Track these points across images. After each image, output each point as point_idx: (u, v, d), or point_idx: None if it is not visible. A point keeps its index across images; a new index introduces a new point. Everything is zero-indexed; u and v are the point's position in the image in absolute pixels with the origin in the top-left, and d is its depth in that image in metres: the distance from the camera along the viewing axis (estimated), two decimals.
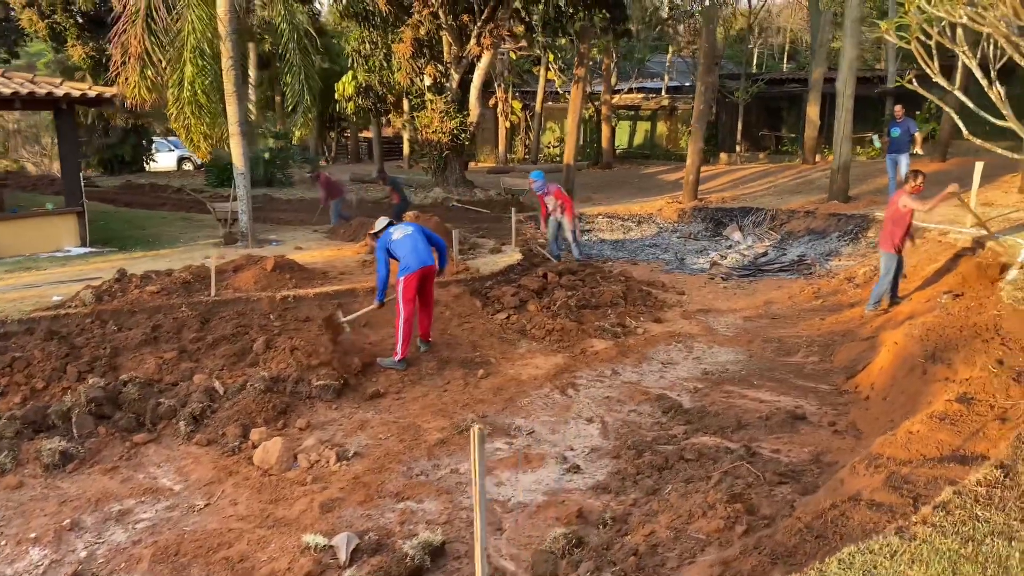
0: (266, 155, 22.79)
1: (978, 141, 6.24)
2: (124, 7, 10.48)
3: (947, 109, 6.72)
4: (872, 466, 4.35)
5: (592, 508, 5.08)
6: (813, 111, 22.19)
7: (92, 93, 11.78)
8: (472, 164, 36.97)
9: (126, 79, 10.43)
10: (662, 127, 34.94)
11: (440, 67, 18.32)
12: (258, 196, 21.05)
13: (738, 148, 29.48)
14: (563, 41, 20.19)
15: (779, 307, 10.57)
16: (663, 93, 33.92)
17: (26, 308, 8.15)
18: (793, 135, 29.31)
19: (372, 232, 8.10)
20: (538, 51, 23.80)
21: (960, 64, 10.14)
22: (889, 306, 9.24)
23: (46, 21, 25.22)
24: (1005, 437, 4.39)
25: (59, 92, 11.46)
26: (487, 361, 8.13)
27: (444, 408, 6.94)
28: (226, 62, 11.88)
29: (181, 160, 32.26)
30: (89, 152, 27.58)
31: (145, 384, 6.82)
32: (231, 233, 12.84)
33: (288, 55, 12.15)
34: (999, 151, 6.28)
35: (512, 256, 11.42)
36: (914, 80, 6.60)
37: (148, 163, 30.19)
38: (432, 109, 18.30)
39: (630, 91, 33.35)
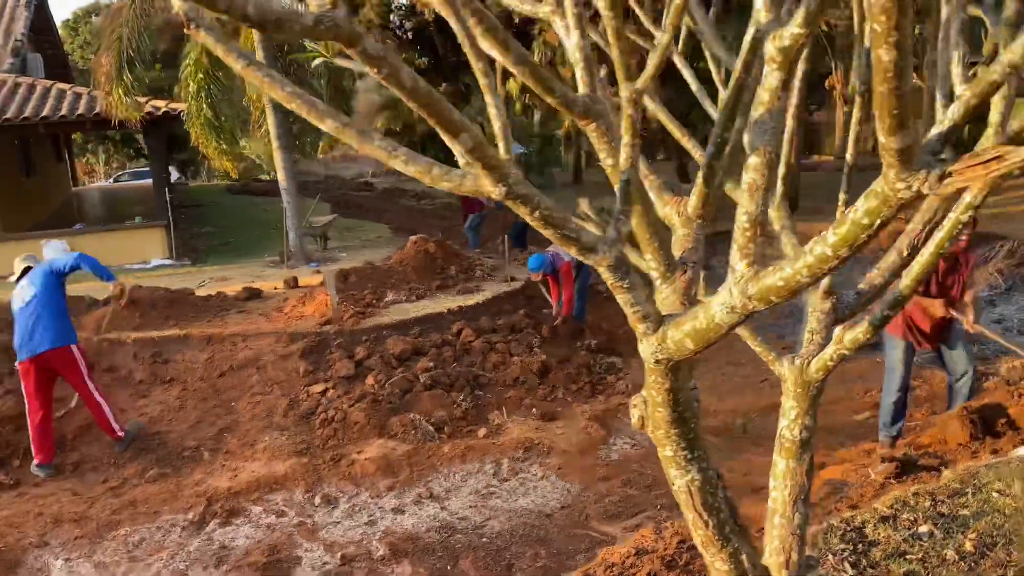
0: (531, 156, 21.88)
1: None
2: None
3: None
4: None
5: None
6: None
7: (159, 112, 12.07)
8: (816, 157, 31.49)
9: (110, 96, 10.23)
10: None
11: None
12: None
13: None
14: None
15: None
16: None
17: None
18: None
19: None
20: None
21: None
22: (893, 440, 4.95)
23: None
24: None
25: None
26: (199, 457, 6.12)
27: None
28: None
29: None
30: None
31: None
32: (282, 252, 12.20)
33: None
34: None
35: (475, 297, 8.77)
36: None
37: None
38: None
39: None
